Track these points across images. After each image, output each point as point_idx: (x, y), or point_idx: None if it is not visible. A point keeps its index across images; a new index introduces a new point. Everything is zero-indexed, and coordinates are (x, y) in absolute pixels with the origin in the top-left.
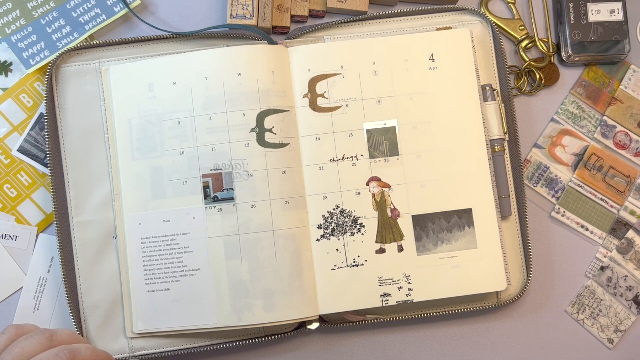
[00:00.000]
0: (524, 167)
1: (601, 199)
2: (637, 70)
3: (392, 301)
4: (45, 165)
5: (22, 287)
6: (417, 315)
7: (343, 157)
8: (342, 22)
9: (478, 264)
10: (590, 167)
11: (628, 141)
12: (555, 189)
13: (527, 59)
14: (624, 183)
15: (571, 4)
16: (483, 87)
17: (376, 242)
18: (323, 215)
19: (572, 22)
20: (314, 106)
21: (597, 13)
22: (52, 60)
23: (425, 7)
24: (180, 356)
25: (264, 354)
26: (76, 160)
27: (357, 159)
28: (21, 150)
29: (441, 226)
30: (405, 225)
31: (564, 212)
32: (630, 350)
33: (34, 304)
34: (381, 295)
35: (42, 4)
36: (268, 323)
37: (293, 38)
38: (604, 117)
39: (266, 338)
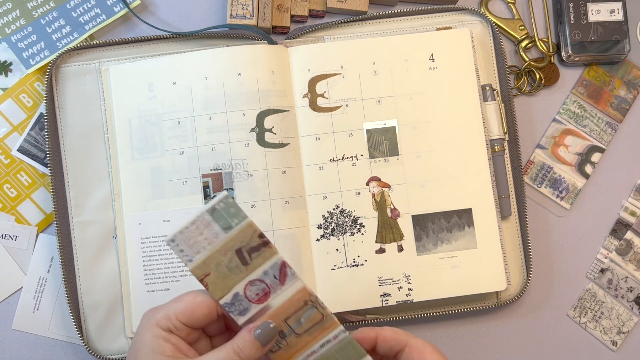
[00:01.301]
0: (527, 168)
1: None
2: None
3: (392, 301)
4: (45, 165)
5: (22, 287)
6: (417, 315)
7: (343, 157)
8: (342, 22)
9: (478, 264)
10: None
11: None
12: (560, 189)
13: (527, 59)
14: None
15: (571, 4)
16: (483, 87)
17: (376, 242)
18: (323, 215)
19: (572, 22)
20: (314, 106)
21: (597, 13)
22: (52, 60)
23: (425, 7)
24: None
25: None
26: (76, 160)
27: (357, 159)
28: (21, 150)
29: (441, 226)
30: (405, 225)
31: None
32: (634, 352)
33: (34, 304)
34: (381, 295)
35: (42, 4)
36: None
37: (293, 38)
38: None
39: None
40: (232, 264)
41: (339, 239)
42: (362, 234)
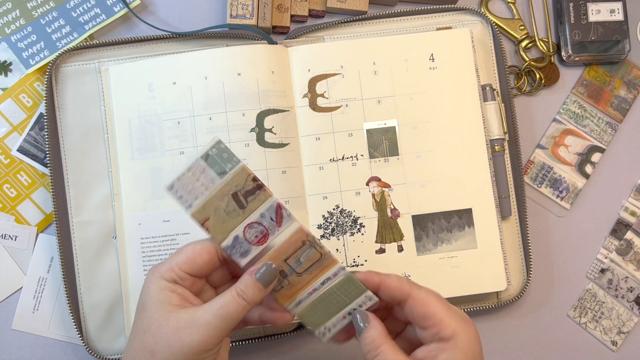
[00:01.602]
0: (527, 168)
1: None
2: None
3: None
4: (45, 165)
5: (21, 288)
6: None
7: (343, 157)
8: (342, 22)
9: (478, 264)
10: None
11: None
12: (560, 189)
13: (527, 59)
14: None
15: (571, 4)
16: (483, 87)
17: (376, 242)
18: (323, 216)
19: (572, 22)
20: (314, 106)
21: (597, 13)
22: (52, 60)
23: (425, 7)
24: None
25: (264, 354)
26: (76, 160)
27: (357, 159)
28: (21, 150)
29: (441, 226)
30: (405, 225)
31: None
32: (634, 352)
33: (34, 304)
34: None
35: (42, 4)
36: None
37: (293, 38)
38: None
39: (266, 338)
40: (229, 207)
41: (339, 239)
42: (362, 234)
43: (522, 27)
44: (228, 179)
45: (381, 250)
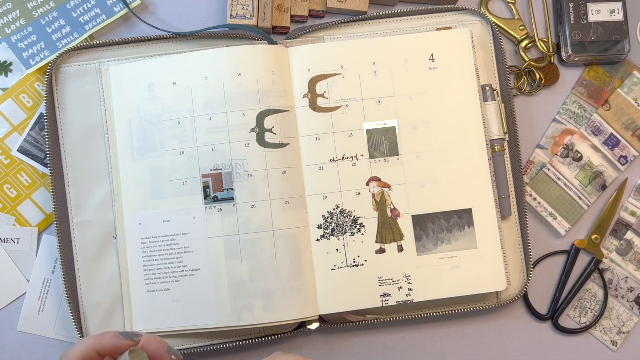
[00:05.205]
0: (527, 168)
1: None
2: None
3: (392, 301)
4: (45, 165)
5: (26, 290)
6: (417, 315)
7: (343, 157)
8: (342, 22)
9: (478, 264)
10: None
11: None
12: None
13: (527, 59)
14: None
15: (571, 4)
16: (483, 87)
17: (376, 242)
18: (323, 215)
19: (572, 22)
20: (314, 106)
21: (597, 13)
22: (52, 60)
23: (425, 7)
24: None
25: (264, 354)
26: (76, 160)
27: (357, 159)
28: (21, 150)
29: (441, 226)
30: (405, 225)
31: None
32: (634, 352)
33: (39, 305)
34: (381, 295)
35: (42, 4)
36: (268, 323)
37: (293, 38)
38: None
39: (266, 338)
40: None
41: (339, 239)
42: (362, 234)
43: (522, 27)
44: None
45: (381, 250)
